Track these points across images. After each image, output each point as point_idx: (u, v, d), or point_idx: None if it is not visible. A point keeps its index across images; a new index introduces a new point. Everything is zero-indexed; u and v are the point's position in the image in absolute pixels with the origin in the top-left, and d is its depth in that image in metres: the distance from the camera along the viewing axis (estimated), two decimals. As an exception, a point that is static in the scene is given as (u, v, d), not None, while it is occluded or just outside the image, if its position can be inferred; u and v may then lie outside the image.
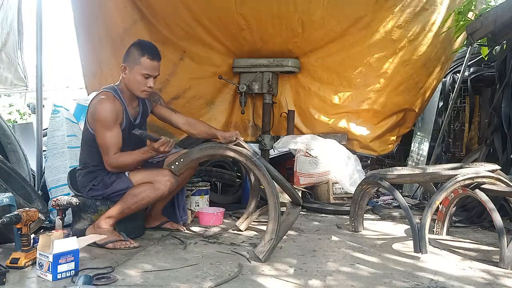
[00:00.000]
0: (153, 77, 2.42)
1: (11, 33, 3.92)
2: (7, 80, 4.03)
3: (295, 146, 3.65)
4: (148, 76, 2.39)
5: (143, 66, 2.37)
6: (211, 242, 2.42)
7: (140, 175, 2.37)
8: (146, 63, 2.37)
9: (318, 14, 3.46)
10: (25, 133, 4.20)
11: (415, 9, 3.43)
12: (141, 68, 2.37)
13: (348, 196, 3.50)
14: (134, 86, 2.41)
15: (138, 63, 2.37)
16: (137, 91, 2.43)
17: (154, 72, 2.42)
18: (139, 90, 2.42)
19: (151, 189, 2.31)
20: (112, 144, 2.32)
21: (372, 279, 1.87)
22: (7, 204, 2.10)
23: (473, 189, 2.25)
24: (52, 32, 12.26)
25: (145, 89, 2.42)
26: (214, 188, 3.54)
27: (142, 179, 2.35)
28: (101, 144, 2.33)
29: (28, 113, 8.80)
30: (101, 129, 2.32)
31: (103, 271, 1.85)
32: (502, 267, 2.03)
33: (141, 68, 2.37)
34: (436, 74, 3.77)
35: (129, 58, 2.41)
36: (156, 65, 2.42)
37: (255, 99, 4.00)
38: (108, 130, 2.32)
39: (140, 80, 2.39)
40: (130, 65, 2.40)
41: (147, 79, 2.40)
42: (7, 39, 3.96)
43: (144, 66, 2.37)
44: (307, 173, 3.57)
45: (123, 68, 2.42)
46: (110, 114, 2.32)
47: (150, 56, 2.38)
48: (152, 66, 2.39)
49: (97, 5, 3.40)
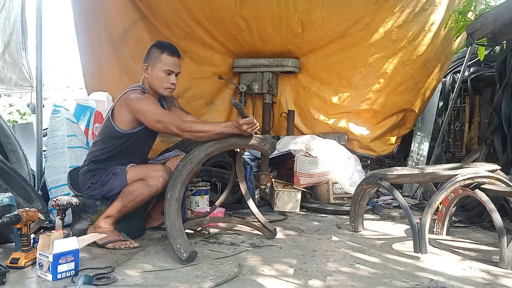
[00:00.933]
0: (175, 73, 2.48)
1: (14, 33, 3.91)
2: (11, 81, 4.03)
3: (295, 147, 3.65)
4: (170, 72, 2.45)
5: (164, 63, 2.44)
6: (211, 242, 2.42)
7: (134, 172, 2.36)
8: (167, 59, 2.45)
9: (317, 15, 3.46)
10: (25, 133, 4.20)
11: (415, 10, 3.43)
12: (163, 65, 2.44)
13: (348, 196, 3.50)
14: (157, 84, 2.46)
15: (159, 60, 2.44)
16: (161, 89, 2.47)
17: (176, 68, 2.48)
18: (163, 87, 2.47)
19: (144, 186, 2.30)
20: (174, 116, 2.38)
21: (372, 279, 1.87)
22: (7, 204, 2.10)
23: (473, 189, 2.25)
24: (52, 32, 12.25)
25: (168, 86, 2.47)
26: (214, 188, 3.53)
27: (136, 175, 2.34)
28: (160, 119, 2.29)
29: (28, 113, 8.80)
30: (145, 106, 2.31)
31: (103, 271, 1.85)
32: (502, 267, 2.03)
33: (163, 65, 2.44)
34: (435, 74, 3.78)
35: (150, 57, 2.48)
36: (176, 61, 2.49)
37: (255, 99, 4.00)
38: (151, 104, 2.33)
39: (162, 77, 2.45)
40: (152, 64, 2.46)
41: (169, 76, 2.46)
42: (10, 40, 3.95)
43: (165, 63, 2.44)
44: (307, 173, 3.57)
45: (145, 67, 2.48)
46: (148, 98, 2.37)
47: (170, 53, 2.46)
48: (173, 62, 2.46)
49: (97, 5, 3.40)
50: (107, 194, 2.37)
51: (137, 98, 2.36)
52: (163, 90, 2.47)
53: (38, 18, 3.21)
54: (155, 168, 2.38)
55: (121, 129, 2.39)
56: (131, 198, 2.30)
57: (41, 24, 3.21)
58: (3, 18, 3.87)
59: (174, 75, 2.47)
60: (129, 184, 2.33)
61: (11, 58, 3.93)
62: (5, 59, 4.02)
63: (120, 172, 2.35)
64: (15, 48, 3.80)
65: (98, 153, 2.44)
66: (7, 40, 3.98)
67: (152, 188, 2.31)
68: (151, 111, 2.32)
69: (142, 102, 2.34)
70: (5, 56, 4.01)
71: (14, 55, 3.86)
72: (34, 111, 3.96)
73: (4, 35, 3.92)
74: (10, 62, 3.99)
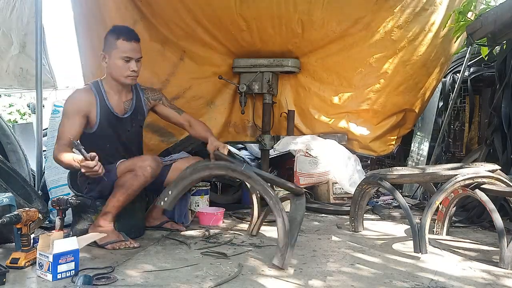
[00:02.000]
0: (135, 60, 2.35)
1: (29, 34, 3.88)
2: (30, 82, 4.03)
3: (295, 147, 3.65)
4: (128, 59, 2.33)
5: (120, 49, 2.32)
6: (211, 242, 2.42)
7: (124, 165, 2.34)
8: (123, 45, 2.32)
9: (318, 15, 3.45)
10: (25, 133, 4.21)
11: (415, 10, 3.43)
12: (119, 51, 2.32)
13: (348, 196, 3.50)
14: (117, 72, 2.36)
15: (115, 47, 2.32)
16: (121, 78, 2.37)
17: (134, 54, 2.35)
18: (123, 75, 2.36)
19: (133, 177, 2.26)
20: (63, 132, 2.29)
21: (372, 279, 1.87)
22: (7, 204, 2.10)
23: (473, 189, 2.25)
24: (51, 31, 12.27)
25: (129, 74, 2.36)
26: (214, 188, 3.54)
27: (125, 168, 2.32)
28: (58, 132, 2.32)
29: (28, 113, 8.81)
30: (62, 117, 2.32)
31: (103, 271, 1.85)
32: (502, 267, 2.03)
33: (119, 52, 2.32)
34: (435, 74, 3.77)
35: (105, 45, 2.37)
36: (135, 46, 2.35)
37: (255, 99, 4.00)
38: (65, 118, 2.31)
39: (121, 64, 2.33)
40: (108, 51, 2.35)
41: (128, 63, 2.34)
42: (25, 41, 3.93)
43: (122, 49, 2.32)
44: (307, 173, 3.57)
45: (103, 57, 2.37)
46: (71, 104, 2.32)
47: (126, 37, 2.33)
48: (130, 47, 2.33)
49: (97, 5, 3.39)
50: (103, 193, 2.36)
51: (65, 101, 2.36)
52: (124, 79, 2.37)
53: (38, 18, 3.22)
54: (142, 158, 2.35)
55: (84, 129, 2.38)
56: (123, 191, 2.27)
57: (41, 24, 3.22)
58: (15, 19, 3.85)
59: (134, 62, 2.34)
60: (119, 178, 2.31)
61: (31, 59, 3.91)
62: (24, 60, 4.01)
63: (111, 168, 2.34)
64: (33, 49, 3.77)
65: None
66: (22, 42, 3.96)
67: (141, 178, 2.26)
68: (65, 114, 2.31)
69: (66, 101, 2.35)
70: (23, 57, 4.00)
71: (32, 56, 3.84)
72: (34, 111, 3.96)
73: (19, 36, 3.90)
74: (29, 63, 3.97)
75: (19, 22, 3.86)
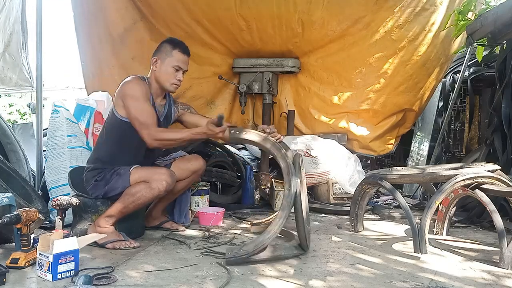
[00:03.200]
0: (183, 71, 2.51)
1: (14, 33, 3.91)
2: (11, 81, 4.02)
3: (295, 147, 3.65)
4: (178, 68, 2.47)
5: (174, 58, 2.47)
6: (211, 242, 2.42)
7: (138, 173, 2.35)
8: (178, 55, 2.47)
9: (318, 14, 3.46)
10: (25, 133, 4.20)
11: (415, 9, 3.43)
12: (173, 60, 2.46)
13: (348, 196, 3.50)
14: (164, 78, 2.48)
15: (170, 55, 2.46)
16: (167, 83, 2.48)
17: (184, 66, 2.51)
18: (169, 82, 2.48)
19: (147, 189, 2.30)
20: (150, 116, 2.34)
21: (373, 279, 1.87)
22: (7, 204, 2.09)
23: (473, 189, 2.25)
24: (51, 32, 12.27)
25: (174, 82, 2.49)
26: (214, 188, 3.53)
27: (140, 177, 2.33)
28: (137, 117, 2.32)
29: (28, 113, 8.81)
30: (134, 102, 2.34)
31: (103, 271, 1.84)
32: (502, 267, 2.03)
33: (173, 60, 2.46)
34: (435, 74, 3.77)
35: (160, 51, 2.49)
36: (186, 59, 2.52)
37: (255, 99, 4.00)
38: (142, 102, 2.35)
39: (171, 72, 2.47)
40: (162, 57, 2.47)
41: (177, 72, 2.48)
42: (10, 40, 3.95)
43: (176, 58, 2.47)
44: (307, 173, 3.57)
45: (155, 60, 2.49)
46: (140, 88, 2.38)
47: (181, 50, 2.49)
48: (183, 59, 2.50)
49: (97, 5, 3.40)
50: (108, 194, 2.36)
51: (127, 80, 2.40)
52: (169, 85, 2.49)
53: (38, 18, 3.21)
54: (159, 171, 2.38)
55: (118, 115, 2.40)
56: (133, 199, 2.30)
57: (41, 24, 3.21)
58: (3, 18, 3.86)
59: (181, 72, 2.50)
60: (132, 186, 2.32)
61: (12, 58, 3.93)
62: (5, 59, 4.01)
63: (124, 172, 2.35)
64: (15, 48, 3.79)
65: (103, 149, 2.46)
66: (7, 40, 3.97)
67: (155, 191, 2.31)
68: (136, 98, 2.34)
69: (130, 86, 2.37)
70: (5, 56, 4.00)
71: (14, 55, 3.86)
72: (34, 111, 3.96)
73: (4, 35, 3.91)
74: (10, 62, 3.98)
75: (7, 22, 3.87)
